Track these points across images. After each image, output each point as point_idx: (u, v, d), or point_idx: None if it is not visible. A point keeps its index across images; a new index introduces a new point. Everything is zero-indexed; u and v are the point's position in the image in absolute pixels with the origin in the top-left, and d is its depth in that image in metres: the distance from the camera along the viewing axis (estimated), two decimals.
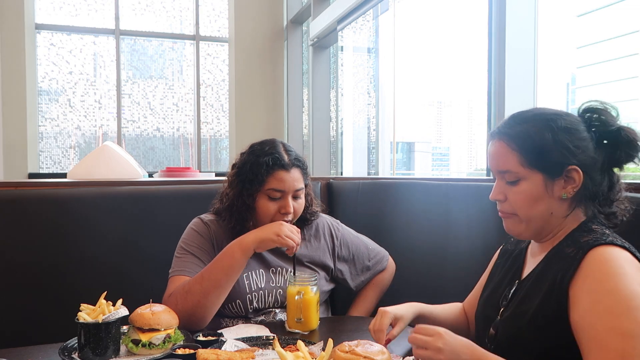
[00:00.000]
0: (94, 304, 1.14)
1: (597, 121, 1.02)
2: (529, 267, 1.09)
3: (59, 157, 5.70)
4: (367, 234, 1.71)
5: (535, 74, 2.55)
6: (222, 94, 6.10)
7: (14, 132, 5.21)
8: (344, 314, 1.66)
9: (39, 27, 5.53)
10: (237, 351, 1.09)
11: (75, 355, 1.11)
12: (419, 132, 5.04)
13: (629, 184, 1.10)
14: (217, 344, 1.14)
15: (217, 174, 2.68)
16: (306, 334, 1.30)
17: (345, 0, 4.13)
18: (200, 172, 2.71)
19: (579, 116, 1.04)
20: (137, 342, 1.11)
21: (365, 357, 0.92)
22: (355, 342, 0.98)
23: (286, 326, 1.35)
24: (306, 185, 1.50)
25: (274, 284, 1.48)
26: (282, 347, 0.97)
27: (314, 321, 1.33)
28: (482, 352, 0.94)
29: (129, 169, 2.39)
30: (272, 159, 1.42)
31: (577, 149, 0.99)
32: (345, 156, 5.02)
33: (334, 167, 5.14)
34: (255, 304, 1.45)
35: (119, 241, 1.67)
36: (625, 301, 0.86)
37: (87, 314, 1.10)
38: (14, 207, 1.61)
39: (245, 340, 1.19)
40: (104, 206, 1.69)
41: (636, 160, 1.02)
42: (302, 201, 1.49)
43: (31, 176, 5.29)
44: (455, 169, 4.78)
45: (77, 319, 1.09)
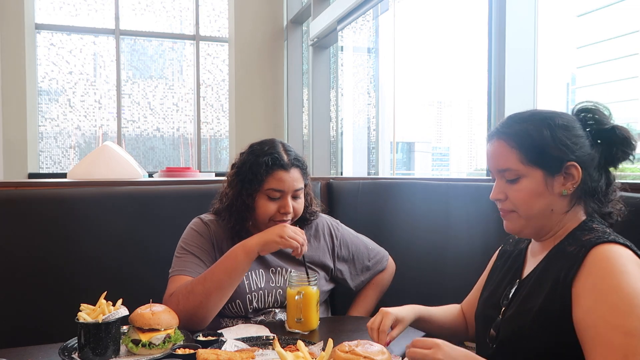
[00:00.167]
0: (94, 304, 1.14)
1: (592, 120, 1.04)
2: (530, 267, 1.09)
3: (59, 157, 5.70)
4: (367, 234, 1.71)
5: (535, 74, 2.55)
6: (222, 94, 6.10)
7: (14, 132, 5.21)
8: (344, 314, 1.66)
9: (39, 27, 5.52)
10: (237, 351, 1.09)
11: (75, 355, 1.11)
12: (419, 132, 5.04)
13: (629, 184, 1.10)
14: (217, 344, 1.15)
15: (217, 174, 2.68)
16: (306, 334, 1.30)
17: (345, 0, 4.13)
18: (200, 172, 2.71)
19: (574, 116, 1.06)
20: (137, 342, 1.11)
21: (365, 357, 0.92)
22: (355, 342, 0.98)
23: (286, 326, 1.35)
24: (306, 185, 1.50)
25: (274, 284, 1.48)
26: (282, 347, 0.97)
27: (314, 321, 1.33)
28: None
29: (129, 169, 2.39)
30: (272, 159, 1.43)
31: (575, 145, 1.00)
32: (345, 156, 5.02)
33: (334, 167, 5.14)
34: (255, 304, 1.45)
35: (119, 241, 1.67)
36: (628, 299, 0.86)
37: (87, 314, 1.10)
38: (14, 207, 1.61)
39: (245, 340, 1.19)
40: (104, 206, 1.69)
41: (631, 158, 1.03)
42: (301, 201, 1.49)
43: (31, 176, 5.28)
44: (455, 169, 4.79)
45: (77, 319, 1.09)
